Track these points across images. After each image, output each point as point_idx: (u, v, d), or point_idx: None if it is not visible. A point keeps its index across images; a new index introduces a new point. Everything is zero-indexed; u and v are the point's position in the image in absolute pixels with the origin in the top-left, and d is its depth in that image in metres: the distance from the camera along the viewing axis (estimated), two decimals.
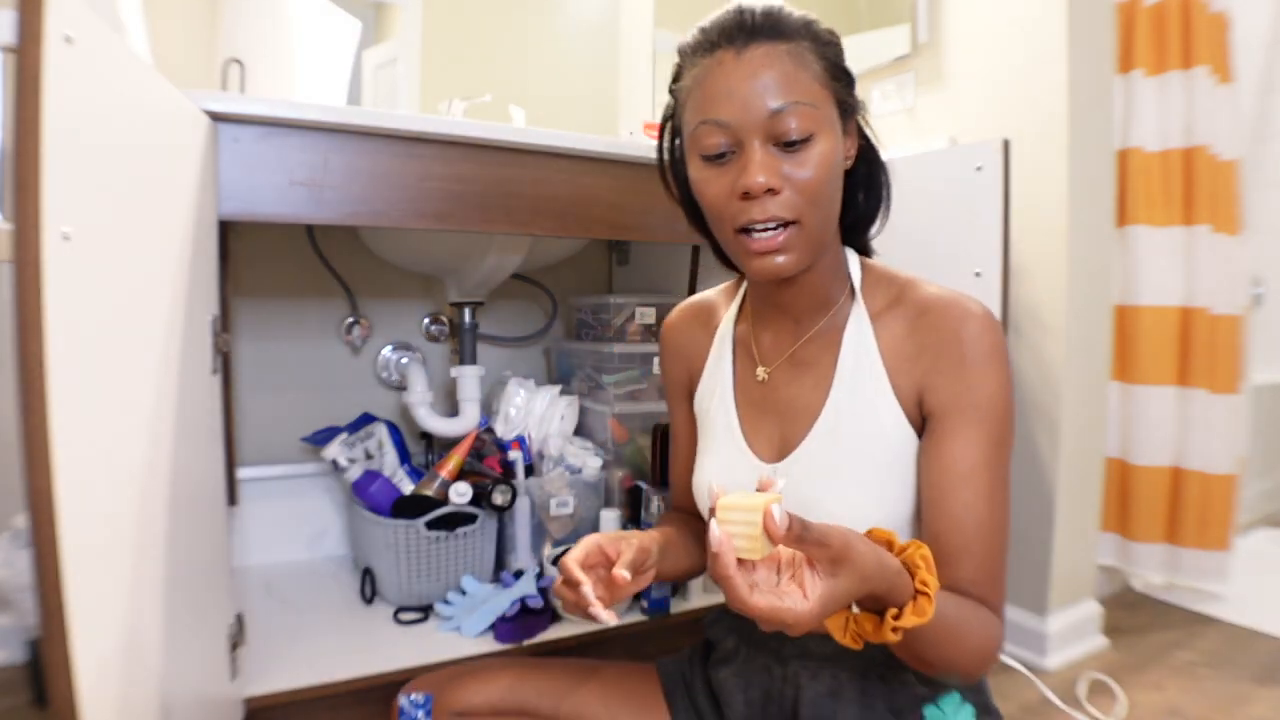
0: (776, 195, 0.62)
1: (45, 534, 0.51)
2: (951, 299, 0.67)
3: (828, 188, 0.64)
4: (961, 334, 0.65)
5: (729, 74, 0.62)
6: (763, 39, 0.62)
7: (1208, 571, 1.73)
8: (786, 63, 0.62)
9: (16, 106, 0.51)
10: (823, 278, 0.71)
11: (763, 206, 0.62)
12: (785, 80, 0.61)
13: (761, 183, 0.61)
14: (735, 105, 0.62)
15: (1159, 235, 1.68)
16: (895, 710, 0.69)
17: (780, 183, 0.62)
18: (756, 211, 0.63)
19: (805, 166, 0.62)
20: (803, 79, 0.62)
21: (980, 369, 0.64)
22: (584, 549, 0.65)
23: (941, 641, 0.58)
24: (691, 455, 0.85)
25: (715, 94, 0.63)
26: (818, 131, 0.62)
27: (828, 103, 0.64)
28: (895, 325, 0.69)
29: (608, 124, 2.00)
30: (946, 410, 0.65)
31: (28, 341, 0.51)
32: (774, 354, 0.76)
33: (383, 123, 1.01)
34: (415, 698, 0.80)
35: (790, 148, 0.62)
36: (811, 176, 0.62)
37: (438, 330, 1.76)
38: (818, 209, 0.64)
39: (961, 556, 0.63)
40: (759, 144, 0.62)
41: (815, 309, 0.73)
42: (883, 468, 0.67)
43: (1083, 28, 1.44)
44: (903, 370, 0.68)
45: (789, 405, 0.73)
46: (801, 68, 0.62)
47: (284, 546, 1.58)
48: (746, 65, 0.62)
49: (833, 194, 0.66)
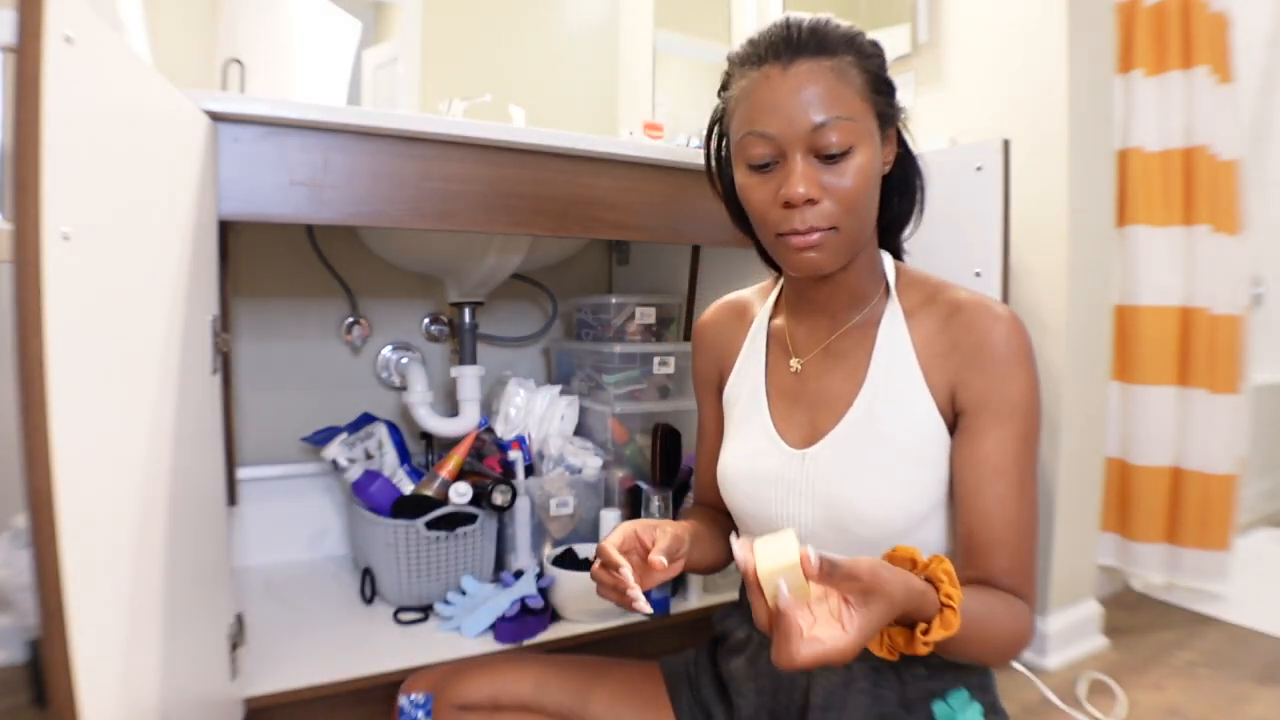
0: (816, 205, 0.66)
1: (45, 534, 0.51)
2: (981, 302, 0.70)
3: (865, 196, 0.67)
4: (992, 335, 0.68)
5: (775, 88, 0.65)
6: (808, 55, 0.65)
7: (1208, 571, 1.73)
8: (829, 78, 0.65)
9: (16, 106, 0.51)
10: (859, 276, 0.74)
11: (802, 216, 0.66)
12: (828, 96, 0.64)
13: (802, 193, 0.65)
14: (780, 119, 0.65)
15: (1159, 235, 1.68)
16: (905, 703, 0.70)
17: (820, 193, 0.66)
18: (797, 221, 0.66)
19: (844, 177, 0.66)
20: (845, 94, 0.65)
21: (1010, 369, 0.68)
22: (621, 534, 0.69)
23: (970, 641, 0.60)
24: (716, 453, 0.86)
25: (761, 107, 0.66)
26: (857, 144, 0.65)
27: (868, 115, 0.67)
28: (928, 323, 0.72)
29: (608, 124, 2.00)
30: (978, 408, 0.68)
31: (28, 341, 0.51)
32: (809, 346, 0.78)
33: (383, 122, 1.01)
34: (415, 697, 0.80)
35: (830, 160, 0.65)
36: (850, 187, 0.66)
37: (438, 330, 1.76)
38: (854, 216, 0.67)
39: (994, 549, 0.67)
40: (801, 156, 0.65)
41: (851, 305, 0.76)
42: (912, 457, 0.70)
43: (1083, 28, 1.44)
44: (935, 365, 0.70)
45: (821, 395, 0.75)
46: (844, 83, 0.65)
47: (284, 546, 1.58)
48: (791, 80, 0.65)
49: (869, 201, 0.69)
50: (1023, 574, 0.67)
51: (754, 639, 0.79)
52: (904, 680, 0.71)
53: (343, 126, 0.98)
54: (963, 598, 0.57)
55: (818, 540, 0.72)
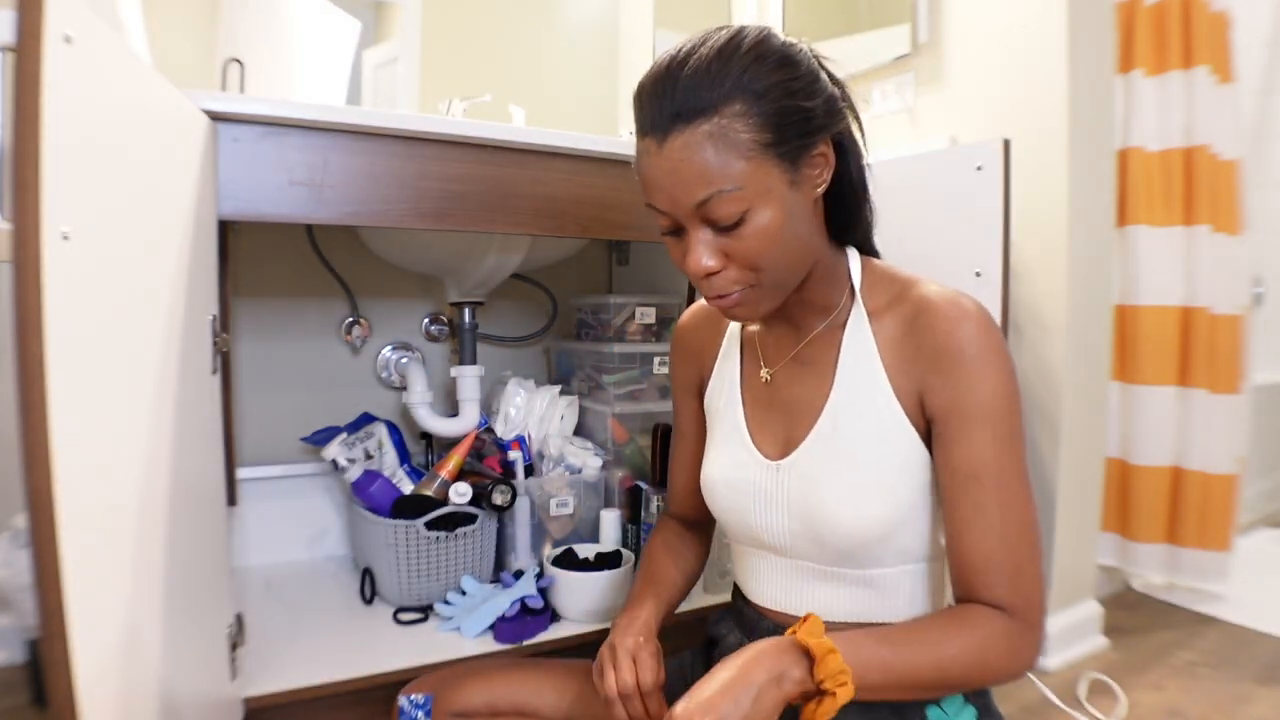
0: (720, 273, 0.65)
1: (45, 534, 0.51)
2: (948, 299, 0.67)
3: (772, 252, 0.64)
4: (957, 335, 0.65)
5: (655, 166, 0.63)
6: (681, 124, 0.60)
7: (1208, 571, 1.73)
8: (707, 149, 0.60)
9: (16, 106, 0.51)
10: (816, 288, 0.73)
11: (710, 284, 0.66)
12: (706, 170, 0.60)
13: (704, 266, 0.65)
14: (664, 198, 0.64)
15: (1159, 235, 1.68)
16: (898, 709, 0.70)
17: (721, 262, 0.65)
18: (707, 288, 0.67)
19: (744, 241, 0.63)
20: (727, 160, 0.60)
21: (978, 369, 0.64)
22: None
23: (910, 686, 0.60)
24: (694, 456, 0.88)
25: (649, 184, 0.65)
26: (751, 207, 0.62)
27: (761, 171, 0.61)
28: (893, 325, 0.70)
29: (608, 124, 2.00)
30: (948, 413, 0.65)
31: (27, 341, 0.51)
32: (778, 355, 0.77)
33: (382, 122, 1.01)
34: (415, 698, 0.80)
35: (726, 230, 0.63)
36: (753, 249, 0.64)
37: (438, 330, 1.76)
38: (766, 271, 0.65)
39: (978, 562, 0.63)
40: (696, 229, 0.64)
41: (814, 313, 0.74)
42: (884, 464, 0.68)
43: (1083, 28, 1.44)
44: (902, 370, 0.68)
45: (793, 404, 0.74)
46: (725, 147, 0.60)
47: (284, 546, 1.58)
48: (667, 160, 0.62)
49: (784, 249, 0.65)
50: (1013, 588, 0.62)
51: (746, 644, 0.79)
52: None
53: (342, 126, 0.98)
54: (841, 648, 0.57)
55: (796, 551, 0.73)
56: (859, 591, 0.71)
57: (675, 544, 0.91)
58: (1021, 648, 0.62)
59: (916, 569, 0.71)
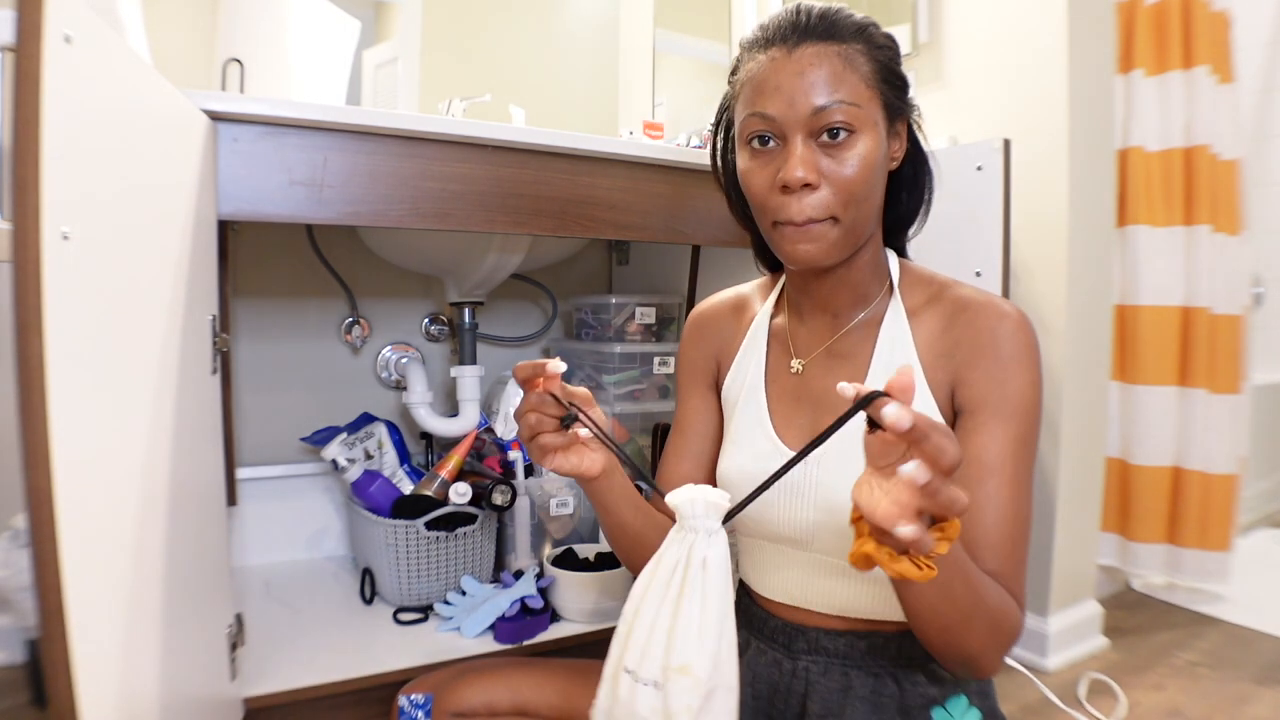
0: (814, 191, 0.65)
1: (45, 534, 0.51)
2: (987, 300, 0.69)
3: (865, 186, 0.66)
4: (997, 332, 0.67)
5: (779, 70, 0.65)
6: (815, 39, 0.65)
7: (1208, 572, 1.72)
8: (835, 62, 0.65)
9: (16, 106, 0.51)
10: (861, 273, 0.74)
11: (799, 204, 0.65)
12: (832, 79, 0.64)
13: (800, 177, 0.64)
14: (782, 100, 0.65)
15: (1159, 235, 1.68)
16: (904, 710, 0.70)
17: (818, 178, 0.65)
18: (794, 210, 0.66)
19: (845, 164, 0.65)
20: (850, 79, 0.65)
21: (1012, 367, 0.67)
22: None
23: (961, 596, 0.56)
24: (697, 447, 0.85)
25: (765, 88, 0.66)
26: (859, 130, 0.65)
27: (873, 103, 0.66)
28: (932, 322, 0.71)
29: (608, 124, 2.00)
30: (976, 405, 0.67)
31: (27, 341, 0.51)
32: (810, 346, 0.77)
33: (382, 122, 1.01)
34: (415, 698, 0.80)
35: (832, 144, 0.65)
36: (850, 174, 0.65)
37: (438, 330, 1.76)
38: (853, 207, 0.66)
39: (983, 549, 0.65)
40: (801, 139, 0.65)
41: (853, 303, 0.75)
42: None
43: (1083, 28, 1.44)
44: (938, 365, 0.70)
45: (823, 396, 0.74)
46: (850, 68, 0.65)
47: (284, 546, 1.58)
48: (796, 63, 0.65)
49: (870, 192, 0.67)
50: (1010, 576, 0.65)
51: (752, 644, 0.79)
52: (903, 687, 0.71)
53: (342, 126, 0.98)
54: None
55: (818, 544, 0.72)
56: (875, 588, 0.71)
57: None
58: (1019, 623, 0.65)
59: None
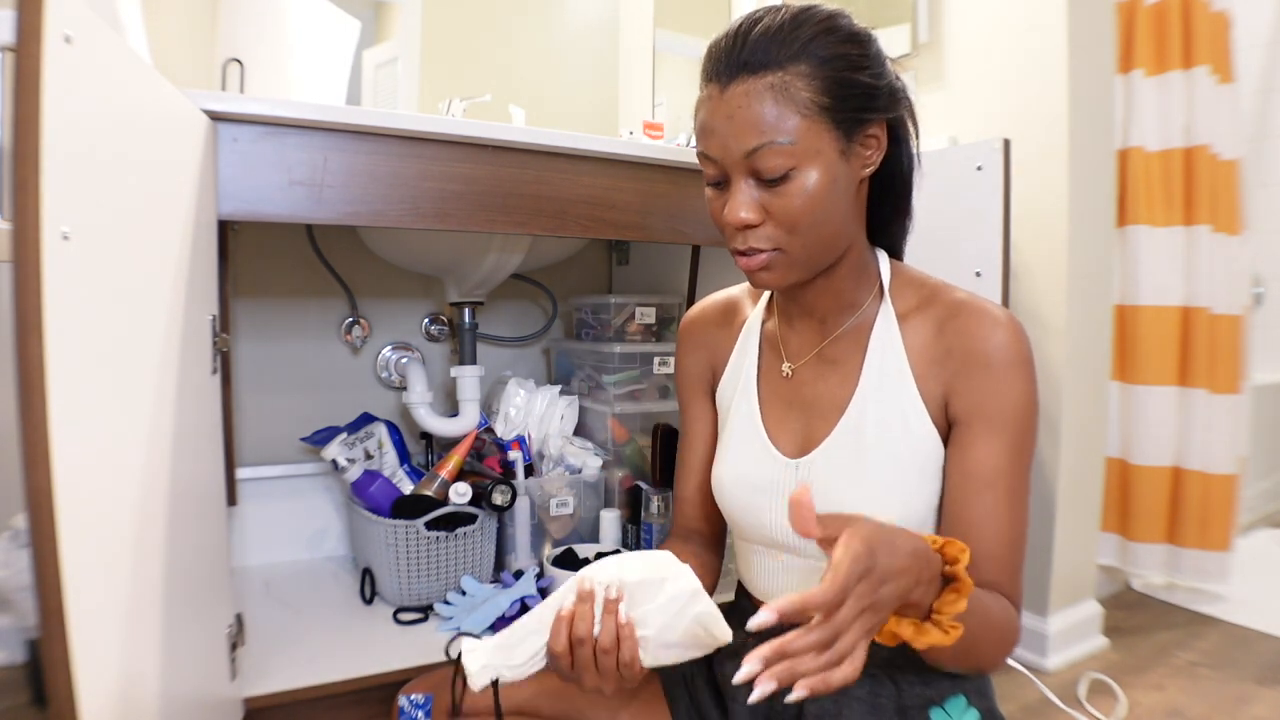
0: (756, 228, 0.66)
1: (45, 534, 0.51)
2: (980, 306, 0.68)
3: (810, 217, 0.65)
4: (989, 342, 0.66)
5: (714, 112, 0.65)
6: (747, 73, 0.62)
7: (1208, 572, 1.73)
8: (766, 99, 0.62)
9: (16, 106, 0.51)
10: (844, 281, 0.73)
11: (743, 238, 0.66)
12: (761, 120, 0.62)
13: (741, 218, 0.65)
14: (716, 144, 0.65)
15: (1159, 235, 1.68)
16: (902, 711, 0.70)
17: (759, 216, 0.65)
18: (739, 242, 0.67)
19: (785, 198, 0.64)
20: (783, 114, 0.62)
21: (1006, 377, 0.66)
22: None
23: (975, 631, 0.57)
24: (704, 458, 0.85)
25: (705, 130, 0.66)
26: (799, 165, 0.63)
27: (814, 131, 0.63)
28: (923, 328, 0.70)
29: (608, 124, 2.00)
30: (971, 416, 0.67)
31: (27, 341, 0.51)
32: (801, 351, 0.77)
33: (382, 122, 1.01)
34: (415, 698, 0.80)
35: (771, 184, 0.64)
36: (794, 208, 0.64)
37: (438, 330, 1.76)
38: (799, 237, 0.66)
39: (981, 560, 0.65)
40: (742, 179, 0.65)
41: (840, 309, 0.74)
42: (906, 466, 0.68)
43: (1083, 28, 1.44)
44: (929, 373, 0.69)
45: (814, 401, 0.74)
46: (784, 101, 0.62)
47: (284, 546, 1.58)
48: (726, 105, 0.64)
49: (823, 218, 0.66)
50: (1009, 584, 0.66)
51: (749, 645, 0.79)
52: (901, 688, 0.71)
53: (342, 126, 0.98)
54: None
55: (811, 550, 0.72)
56: None
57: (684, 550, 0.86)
58: (1018, 631, 0.66)
59: None
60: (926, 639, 0.52)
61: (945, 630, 0.52)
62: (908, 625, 0.52)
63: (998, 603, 0.63)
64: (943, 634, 0.52)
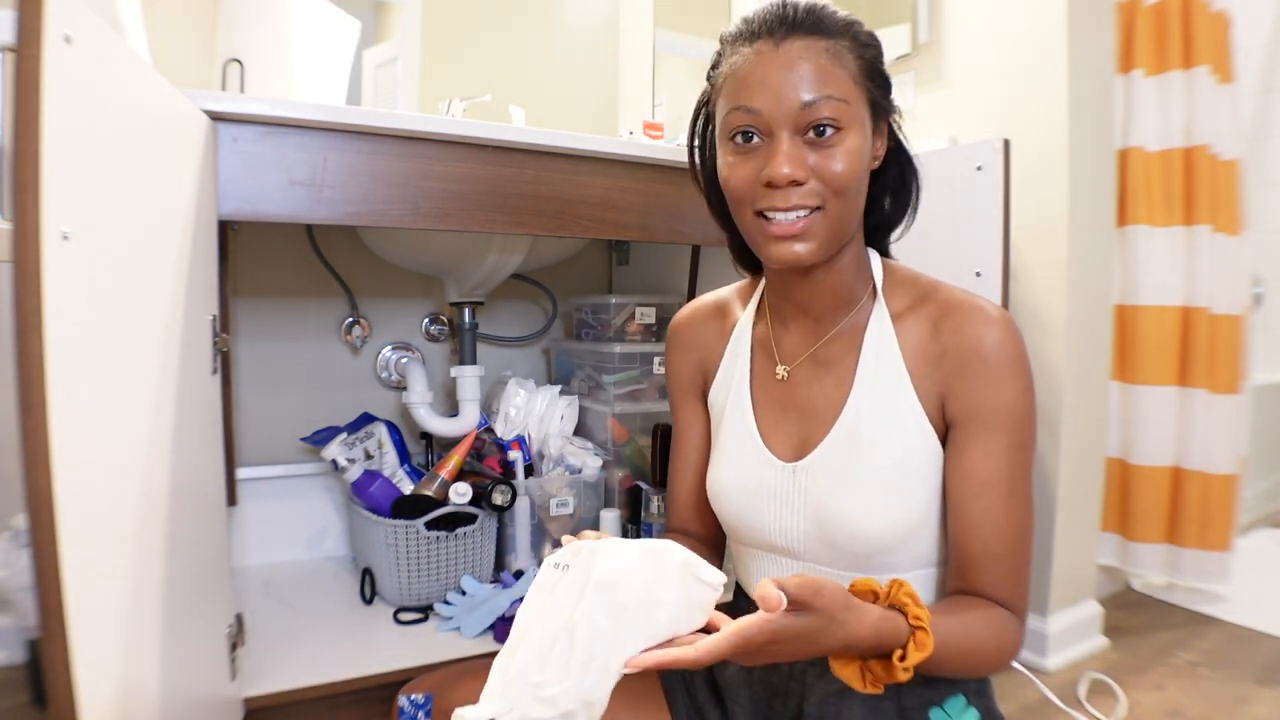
0: (800, 187, 0.64)
1: (45, 534, 0.51)
2: (974, 305, 0.68)
3: (854, 182, 0.65)
4: (983, 342, 0.65)
5: (765, 63, 0.64)
6: (802, 33, 0.64)
7: (1208, 572, 1.72)
8: (823, 58, 0.63)
9: (16, 106, 0.51)
10: (843, 276, 0.72)
11: (785, 195, 0.64)
12: (820, 74, 0.63)
13: (787, 174, 0.62)
14: (769, 95, 0.63)
15: (1159, 235, 1.68)
16: (902, 711, 0.69)
17: (806, 175, 0.63)
18: (779, 199, 0.64)
19: (833, 159, 0.63)
20: (838, 75, 0.63)
21: (1001, 377, 0.65)
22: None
23: (949, 658, 0.58)
24: (697, 461, 0.85)
25: (750, 82, 0.64)
26: (847, 127, 0.64)
27: (860, 101, 0.65)
28: (918, 327, 0.69)
29: (608, 124, 2.00)
30: (968, 418, 0.66)
31: (27, 341, 0.51)
32: (795, 353, 0.76)
33: (382, 122, 1.01)
34: (415, 698, 0.80)
35: (820, 140, 0.63)
36: (839, 169, 0.63)
37: (438, 330, 1.77)
38: (842, 200, 0.65)
39: (983, 561, 0.65)
40: (788, 135, 0.63)
41: (836, 307, 0.73)
42: (903, 468, 0.67)
43: (1083, 28, 1.44)
44: (925, 374, 0.68)
45: (809, 404, 0.73)
46: (838, 64, 0.64)
47: (284, 546, 1.58)
48: (783, 56, 0.63)
49: (858, 189, 0.67)
50: (1012, 586, 0.65)
51: None
52: (900, 688, 0.70)
53: (342, 126, 0.98)
54: (932, 617, 0.55)
55: (810, 554, 0.72)
56: None
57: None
58: (1018, 638, 0.65)
59: (927, 574, 0.70)
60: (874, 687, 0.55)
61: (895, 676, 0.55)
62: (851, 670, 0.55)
63: (988, 624, 0.63)
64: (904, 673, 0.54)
